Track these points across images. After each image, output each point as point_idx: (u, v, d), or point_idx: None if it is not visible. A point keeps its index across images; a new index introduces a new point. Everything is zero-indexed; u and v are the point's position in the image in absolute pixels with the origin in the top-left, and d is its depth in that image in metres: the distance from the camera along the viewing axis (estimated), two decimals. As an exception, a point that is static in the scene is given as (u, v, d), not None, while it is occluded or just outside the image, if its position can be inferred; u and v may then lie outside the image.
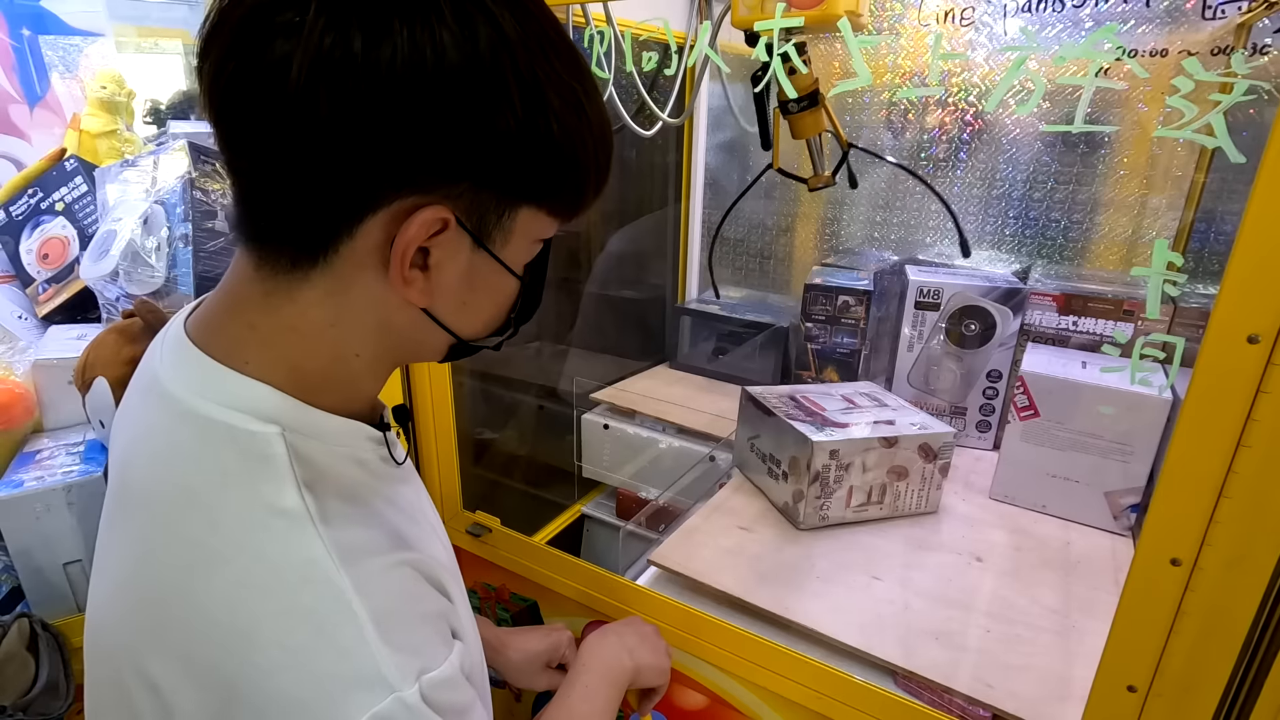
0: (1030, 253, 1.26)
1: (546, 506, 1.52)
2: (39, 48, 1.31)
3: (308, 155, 0.34)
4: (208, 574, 0.36)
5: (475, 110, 0.35)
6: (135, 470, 0.42)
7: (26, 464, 0.82)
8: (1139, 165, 1.13)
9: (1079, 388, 0.97)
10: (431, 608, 0.41)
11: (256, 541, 0.37)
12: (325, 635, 0.35)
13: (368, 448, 0.45)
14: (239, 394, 0.39)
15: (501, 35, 0.35)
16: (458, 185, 0.37)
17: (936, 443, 0.98)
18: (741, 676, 0.79)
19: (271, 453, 0.38)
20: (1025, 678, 0.74)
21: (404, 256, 0.37)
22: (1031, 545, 0.97)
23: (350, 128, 0.34)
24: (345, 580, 0.36)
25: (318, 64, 0.32)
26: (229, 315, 0.41)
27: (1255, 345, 0.44)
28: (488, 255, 0.40)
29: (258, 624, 0.35)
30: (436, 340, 0.44)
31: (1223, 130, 0.42)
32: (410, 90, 0.33)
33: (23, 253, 1.09)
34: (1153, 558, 0.51)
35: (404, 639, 0.37)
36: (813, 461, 0.93)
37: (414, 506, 0.48)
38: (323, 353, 0.41)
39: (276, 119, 0.34)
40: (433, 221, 0.37)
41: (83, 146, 1.19)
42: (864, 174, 1.39)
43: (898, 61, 1.27)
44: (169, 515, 0.39)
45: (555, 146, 0.38)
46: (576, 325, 1.53)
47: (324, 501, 0.38)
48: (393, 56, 0.32)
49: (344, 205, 0.36)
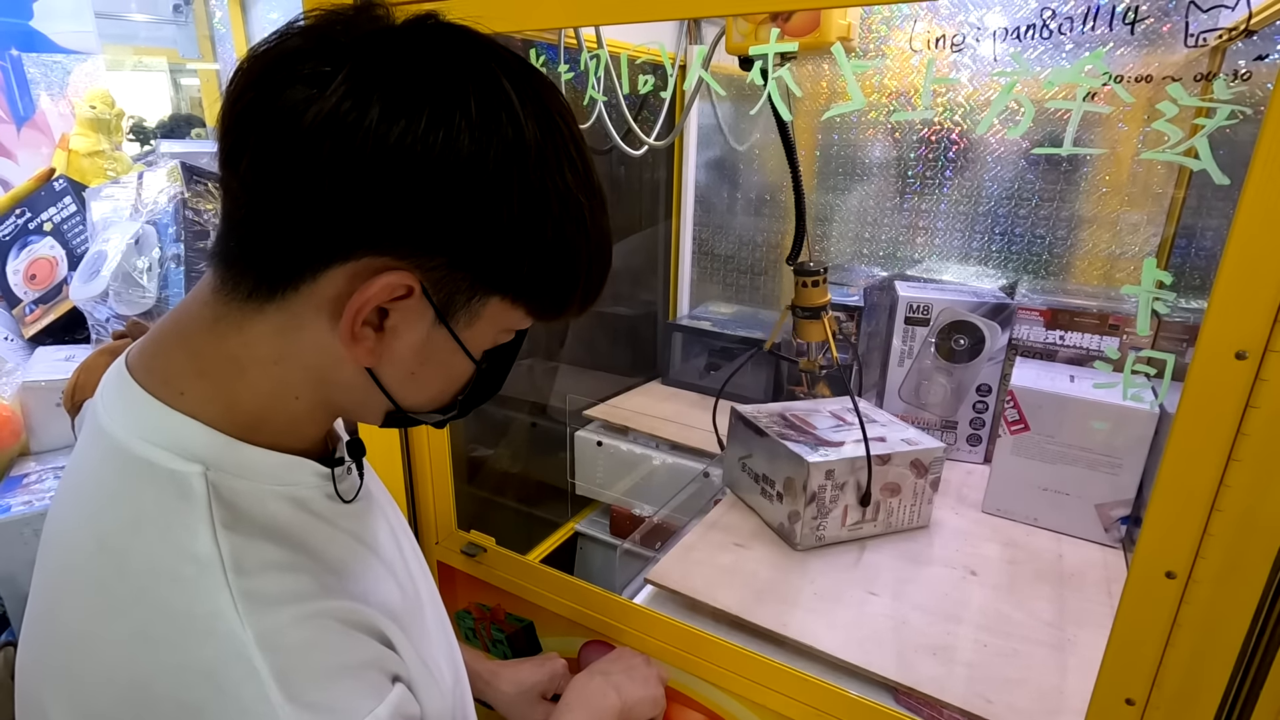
0: (1017, 268, 1.28)
1: (540, 525, 1.51)
2: (23, 68, 1.31)
3: (293, 191, 0.35)
4: (110, 622, 0.36)
5: (469, 201, 0.35)
6: (59, 507, 0.41)
7: (13, 488, 0.81)
8: (1120, 183, 1.16)
9: (1068, 402, 0.99)
10: (356, 657, 0.40)
11: (161, 591, 0.35)
12: (225, 693, 0.34)
13: (311, 483, 0.43)
14: (166, 429, 0.38)
15: (521, 140, 0.35)
16: (433, 259, 0.37)
17: (927, 458, 0.98)
18: (740, 694, 0.79)
19: (191, 493, 0.37)
20: (1022, 691, 0.74)
21: (358, 312, 0.37)
22: (1024, 558, 0.98)
23: (341, 180, 0.34)
24: (249, 634, 0.35)
25: (331, 120, 0.33)
26: (173, 340, 0.41)
27: (1243, 361, 0.45)
28: (448, 333, 0.40)
29: (155, 678, 0.34)
30: (375, 403, 0.43)
31: (1207, 153, 0.44)
32: (410, 166, 0.34)
33: (9, 273, 1.08)
34: (1148, 571, 0.52)
35: (314, 695, 0.36)
36: (809, 482, 0.92)
37: (367, 543, 0.46)
38: (262, 389, 0.40)
39: (275, 149, 0.34)
40: (397, 286, 0.36)
41: (71, 166, 1.18)
42: (851, 190, 1.41)
43: (884, 81, 1.29)
44: (80, 558, 0.38)
45: (545, 253, 0.38)
46: (568, 342, 1.53)
47: (242, 546, 0.37)
48: (404, 134, 0.33)
49: (316, 247, 0.36)
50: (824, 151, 1.42)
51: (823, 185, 1.44)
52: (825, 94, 1.37)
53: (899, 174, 1.35)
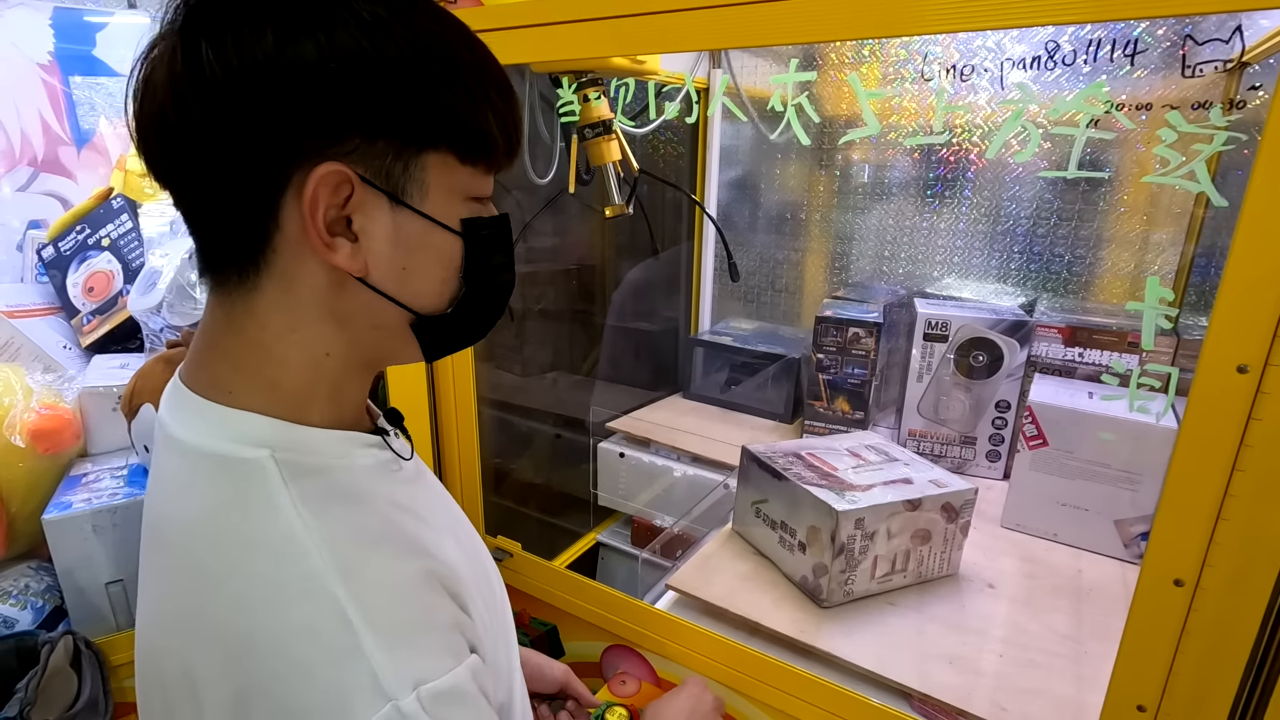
0: (1036, 286, 1.29)
1: (562, 534, 1.54)
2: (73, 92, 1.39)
3: (201, 160, 0.38)
4: (216, 593, 0.39)
5: (334, 71, 0.37)
6: (152, 509, 0.45)
7: (74, 486, 0.86)
8: (1139, 202, 1.17)
9: (1086, 418, 1.00)
10: (441, 618, 0.42)
11: (255, 561, 0.38)
12: (323, 646, 0.37)
13: (366, 455, 0.45)
14: (227, 425, 0.41)
15: (351, 7, 0.38)
16: (345, 143, 0.39)
17: (958, 501, 0.92)
18: (760, 700, 0.80)
19: (264, 474, 0.40)
20: (1039, 702, 0.75)
21: (315, 219, 0.38)
22: (1043, 572, 0.99)
23: (224, 123, 0.37)
24: (341, 591, 0.37)
25: (176, 79, 0.37)
26: (206, 350, 0.44)
27: (1245, 375, 0.47)
28: (411, 212, 0.41)
29: (262, 637, 0.37)
30: (394, 320, 0.44)
31: (1204, 176, 0.46)
32: (265, 72, 0.37)
33: (69, 286, 1.14)
34: (1156, 579, 0.53)
35: (402, 647, 0.38)
36: (838, 533, 0.85)
37: (425, 507, 0.48)
38: (293, 362, 0.42)
39: (168, 137, 0.38)
40: (330, 179, 0.38)
41: (128, 185, 1.25)
42: (871, 209, 1.44)
43: (902, 104, 1.32)
44: (179, 546, 0.42)
45: (427, 85, 0.40)
46: (592, 356, 1.57)
47: (321, 515, 0.40)
48: (238, 52, 0.36)
49: (250, 196, 0.39)
50: (844, 171, 1.45)
51: (842, 204, 1.47)
52: (846, 115, 1.40)
53: (919, 193, 1.37)
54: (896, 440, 1.30)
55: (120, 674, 0.82)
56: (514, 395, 1.48)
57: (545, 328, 1.52)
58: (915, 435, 1.28)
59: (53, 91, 1.34)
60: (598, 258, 1.60)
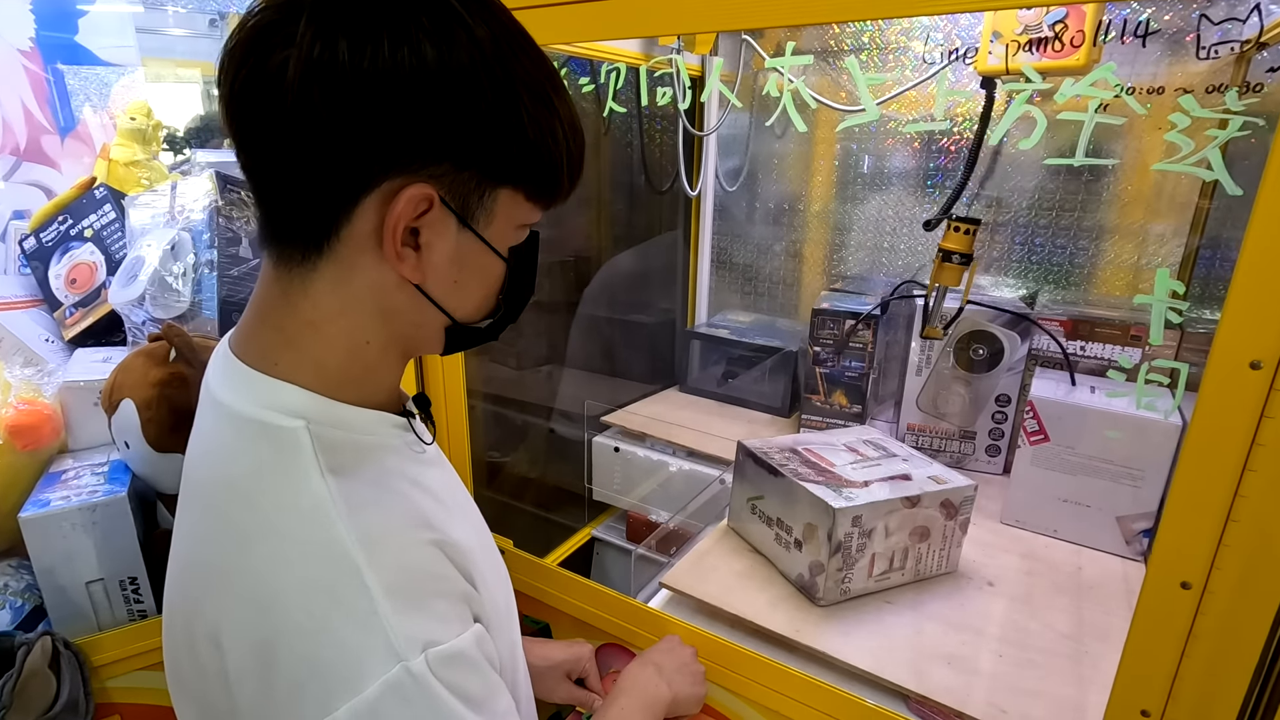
0: (1037, 278, 1.27)
1: (557, 529, 1.53)
2: (63, 81, 1.36)
3: (304, 144, 0.39)
4: (247, 550, 0.42)
5: (450, 102, 0.39)
6: (193, 467, 0.48)
7: (53, 484, 0.84)
8: (1143, 193, 1.15)
9: (1088, 413, 0.98)
10: (451, 587, 0.45)
11: (285, 522, 0.41)
12: (342, 606, 0.39)
13: (393, 435, 0.49)
14: (270, 394, 0.44)
15: (474, 39, 0.40)
16: (439, 166, 0.41)
17: (958, 498, 0.91)
18: (753, 700, 0.79)
19: (299, 443, 0.43)
20: (1039, 703, 0.73)
21: (395, 231, 0.41)
22: (1043, 570, 0.97)
23: (339, 118, 0.38)
24: (361, 557, 0.40)
25: (310, 67, 0.37)
26: (259, 322, 0.46)
27: (1258, 371, 0.45)
28: (473, 236, 0.44)
29: (287, 594, 0.40)
30: (433, 322, 0.47)
31: (1219, 164, 0.44)
32: (390, 87, 0.38)
33: (51, 278, 1.12)
34: (1163, 582, 0.51)
35: (415, 611, 0.41)
36: (835, 530, 0.84)
37: (443, 490, 0.51)
38: (338, 344, 0.45)
39: (276, 114, 0.39)
40: (419, 199, 0.41)
41: (111, 175, 1.22)
42: (869, 200, 1.41)
43: (902, 77, 1.29)
44: (216, 502, 0.45)
45: (524, 132, 0.42)
46: (587, 349, 1.55)
47: (347, 485, 0.43)
48: (374, 60, 0.37)
49: (338, 189, 0.41)
50: (842, 161, 1.43)
51: (841, 195, 1.45)
52: (844, 101, 1.37)
53: (918, 183, 1.35)
54: (895, 434, 1.28)
55: (102, 675, 0.81)
56: (509, 389, 1.46)
57: (541, 320, 1.50)
58: (914, 429, 1.26)
59: (35, 79, 1.31)
60: (593, 246, 1.58)
